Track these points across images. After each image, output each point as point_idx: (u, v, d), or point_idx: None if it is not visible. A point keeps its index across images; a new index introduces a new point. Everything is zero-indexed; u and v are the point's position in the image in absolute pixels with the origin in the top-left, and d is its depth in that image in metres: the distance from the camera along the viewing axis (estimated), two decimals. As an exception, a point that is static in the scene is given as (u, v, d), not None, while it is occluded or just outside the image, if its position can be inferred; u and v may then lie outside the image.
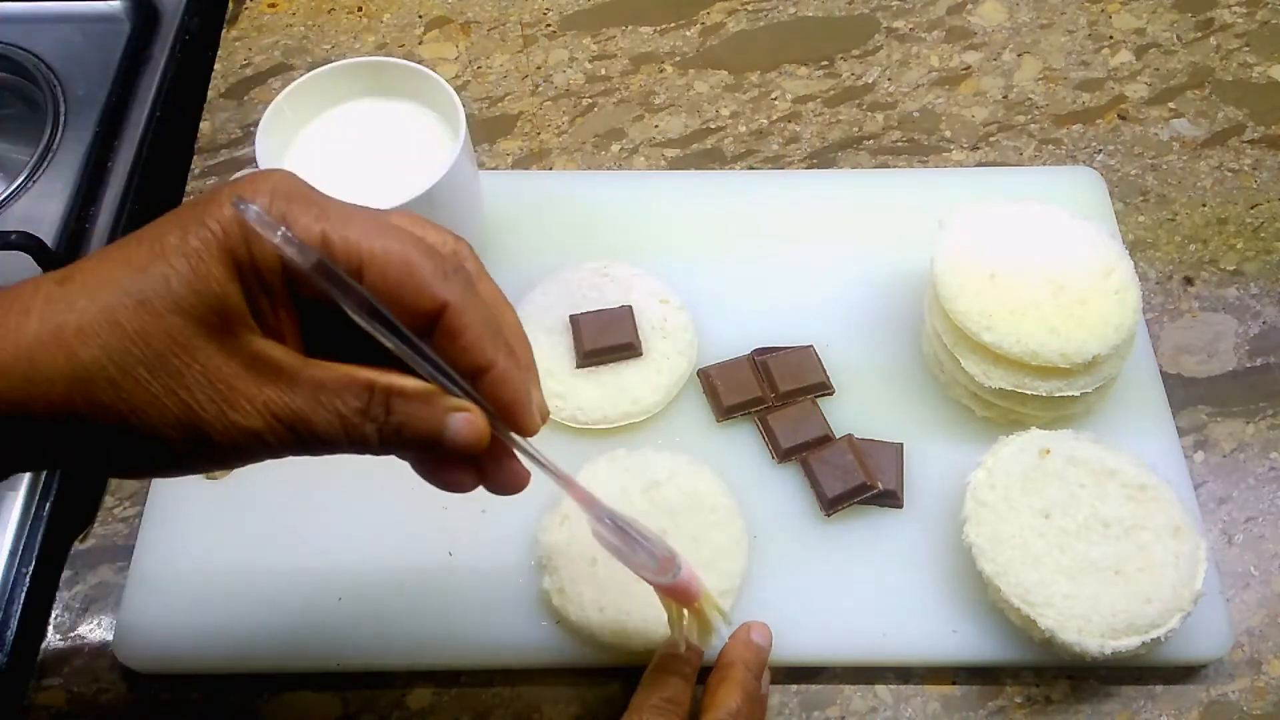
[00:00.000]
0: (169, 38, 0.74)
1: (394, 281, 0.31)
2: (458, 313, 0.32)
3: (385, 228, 0.32)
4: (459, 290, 0.32)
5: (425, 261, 0.32)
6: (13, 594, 0.53)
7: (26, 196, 0.67)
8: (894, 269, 0.61)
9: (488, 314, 0.33)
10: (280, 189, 0.31)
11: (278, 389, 0.31)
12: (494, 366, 0.33)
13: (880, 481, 0.53)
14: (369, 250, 0.31)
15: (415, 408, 0.32)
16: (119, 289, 0.29)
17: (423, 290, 0.32)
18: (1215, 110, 0.71)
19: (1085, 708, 0.50)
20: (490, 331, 0.33)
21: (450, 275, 0.32)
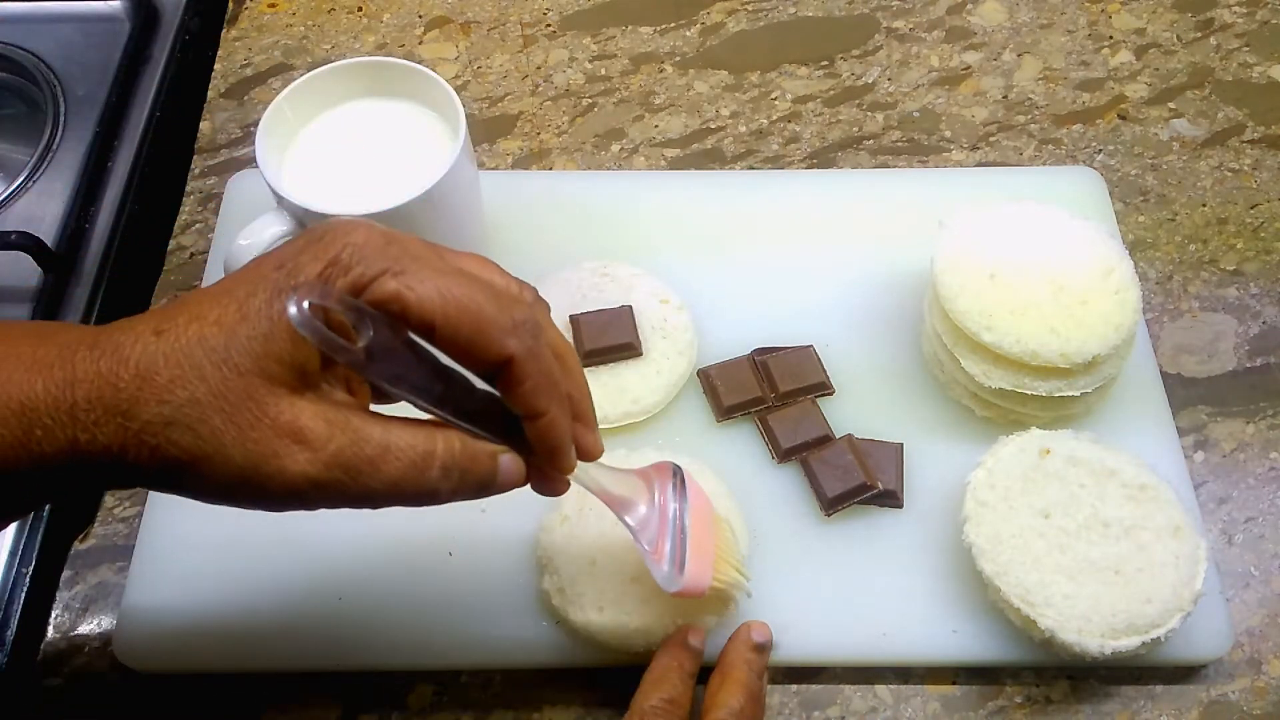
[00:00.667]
0: (169, 38, 0.74)
1: (465, 339, 0.34)
2: (520, 365, 0.35)
3: (457, 278, 0.34)
4: (525, 345, 0.35)
5: (496, 315, 0.34)
6: (13, 594, 0.53)
7: (26, 196, 0.67)
8: (894, 269, 0.61)
9: (549, 364, 0.36)
10: (359, 245, 0.33)
11: (347, 437, 0.34)
12: (544, 416, 0.36)
13: (880, 481, 0.53)
14: (442, 310, 0.33)
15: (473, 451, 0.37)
16: (207, 347, 0.32)
17: (490, 346, 0.34)
18: (1215, 110, 0.71)
19: (1085, 708, 0.50)
20: (548, 382, 0.36)
21: (518, 329, 0.34)
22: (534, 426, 0.37)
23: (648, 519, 0.44)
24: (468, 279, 0.34)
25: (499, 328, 0.34)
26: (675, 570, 0.44)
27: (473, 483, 0.37)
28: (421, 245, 0.35)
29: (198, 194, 0.68)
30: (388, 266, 0.33)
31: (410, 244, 0.34)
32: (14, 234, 0.60)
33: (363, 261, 0.33)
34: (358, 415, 0.34)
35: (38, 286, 0.62)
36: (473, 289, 0.34)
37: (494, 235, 0.63)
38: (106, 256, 0.65)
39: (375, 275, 0.33)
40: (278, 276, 0.33)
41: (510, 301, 0.35)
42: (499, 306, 0.34)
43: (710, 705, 0.45)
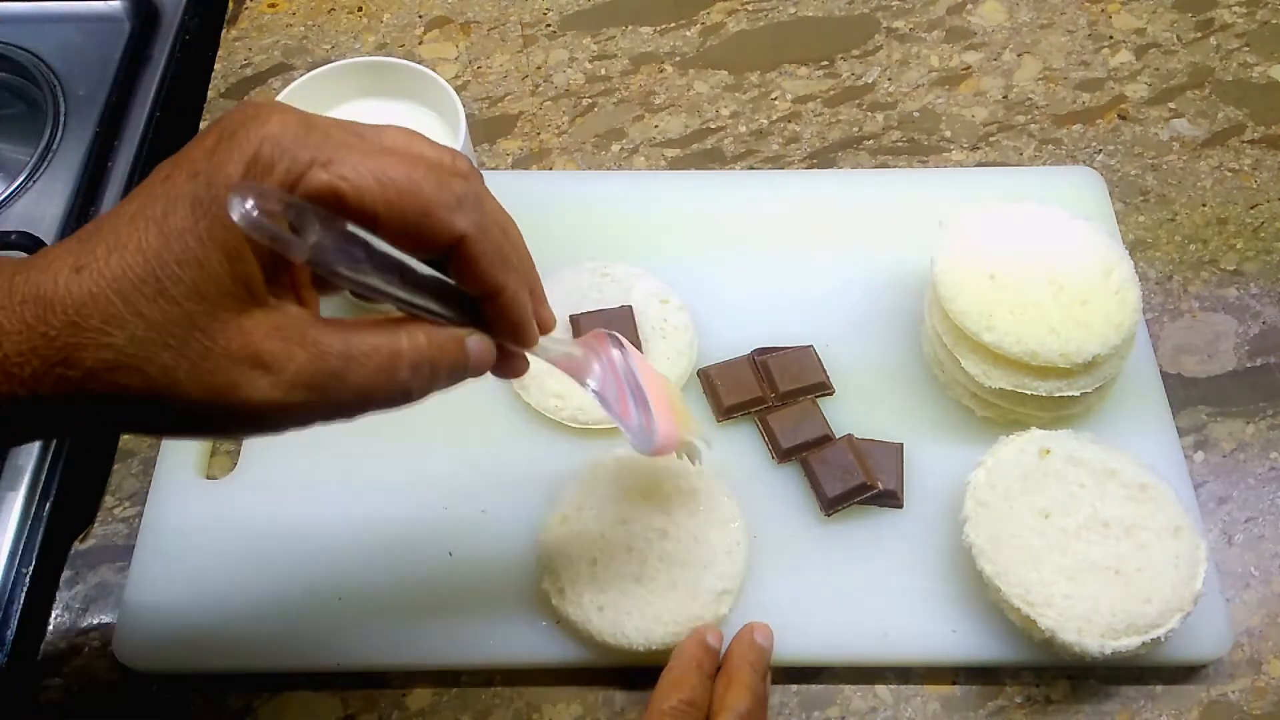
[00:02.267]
0: (169, 38, 0.74)
1: (411, 222, 0.31)
2: (473, 242, 0.33)
3: (389, 159, 0.31)
4: (474, 220, 0.33)
5: (437, 193, 0.32)
6: (13, 594, 0.53)
7: (26, 196, 0.67)
8: (894, 269, 0.61)
9: (498, 237, 0.34)
10: (277, 138, 0.30)
11: (308, 351, 0.31)
12: (503, 291, 0.34)
13: (880, 481, 0.53)
14: (383, 196, 0.31)
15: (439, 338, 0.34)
16: (136, 278, 0.29)
17: (439, 226, 0.32)
18: (1215, 110, 0.71)
19: (1085, 708, 0.50)
20: (500, 257, 0.34)
21: (462, 204, 0.32)
22: (494, 304, 0.35)
23: (605, 381, 0.43)
24: (400, 158, 0.32)
25: (444, 206, 0.32)
26: (646, 428, 0.43)
27: (444, 373, 0.34)
28: (340, 127, 0.32)
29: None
30: (313, 156, 0.30)
31: (329, 127, 0.31)
32: (14, 234, 0.60)
33: (285, 155, 0.30)
34: (314, 326, 0.32)
35: (38, 286, 0.62)
36: (408, 168, 0.31)
37: (494, 235, 0.63)
38: (106, 256, 0.65)
39: (303, 169, 0.30)
40: (194, 187, 0.30)
41: (448, 175, 0.32)
42: (438, 183, 0.32)
43: (718, 708, 0.45)
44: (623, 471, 0.52)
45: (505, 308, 0.35)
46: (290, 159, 0.30)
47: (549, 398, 0.56)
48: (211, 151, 0.30)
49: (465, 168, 0.34)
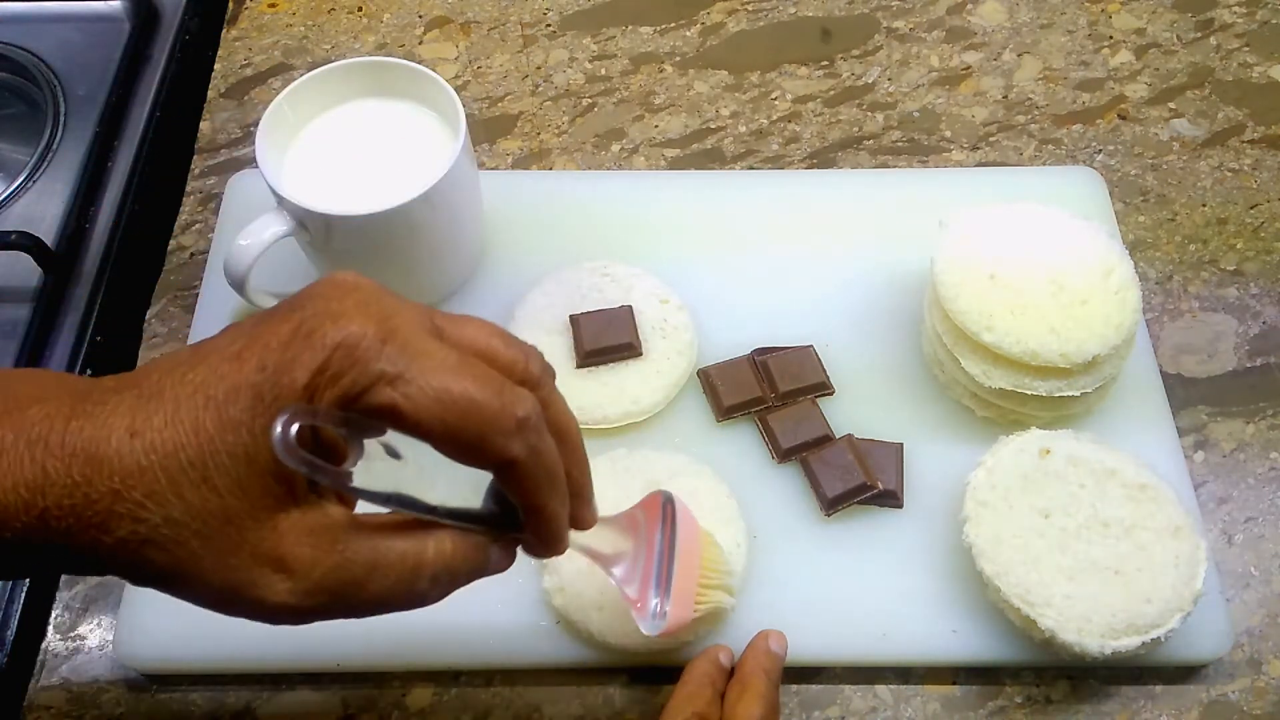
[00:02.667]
0: (169, 38, 0.74)
1: (465, 444, 0.31)
2: (521, 467, 0.32)
3: (457, 375, 0.31)
4: (528, 445, 0.32)
5: (498, 416, 0.31)
6: (13, 594, 0.53)
7: (26, 196, 0.67)
8: (894, 269, 0.61)
9: (550, 460, 0.33)
10: (352, 347, 0.30)
11: (337, 557, 0.31)
12: (541, 512, 0.34)
13: (880, 481, 0.53)
14: (441, 419, 0.30)
15: (465, 548, 0.34)
16: (185, 460, 0.29)
17: (491, 451, 0.31)
18: (1215, 110, 0.71)
19: (1085, 708, 0.50)
20: (548, 479, 0.34)
21: (522, 428, 0.31)
22: (531, 519, 0.35)
23: (631, 571, 0.44)
24: (469, 371, 0.31)
25: (501, 431, 0.31)
26: (658, 615, 0.44)
27: (463, 578, 0.35)
28: (419, 330, 0.31)
29: (198, 194, 0.68)
30: (383, 371, 0.30)
31: (409, 332, 0.31)
32: (14, 234, 0.60)
33: (356, 367, 0.30)
34: (346, 532, 0.32)
35: (38, 286, 0.62)
36: (474, 385, 0.31)
37: (494, 235, 0.63)
38: (106, 256, 0.65)
39: (370, 384, 0.30)
40: (259, 380, 0.30)
41: (513, 394, 0.32)
42: (502, 402, 0.31)
43: (731, 716, 0.45)
44: (623, 471, 0.52)
45: (540, 524, 0.35)
46: (360, 371, 0.30)
47: (549, 398, 0.56)
48: (286, 345, 0.30)
49: (536, 373, 0.34)
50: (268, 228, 0.52)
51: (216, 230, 0.64)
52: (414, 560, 0.33)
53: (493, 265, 0.62)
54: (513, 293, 0.60)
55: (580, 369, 0.56)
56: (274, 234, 0.52)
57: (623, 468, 0.53)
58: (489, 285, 0.61)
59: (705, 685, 0.46)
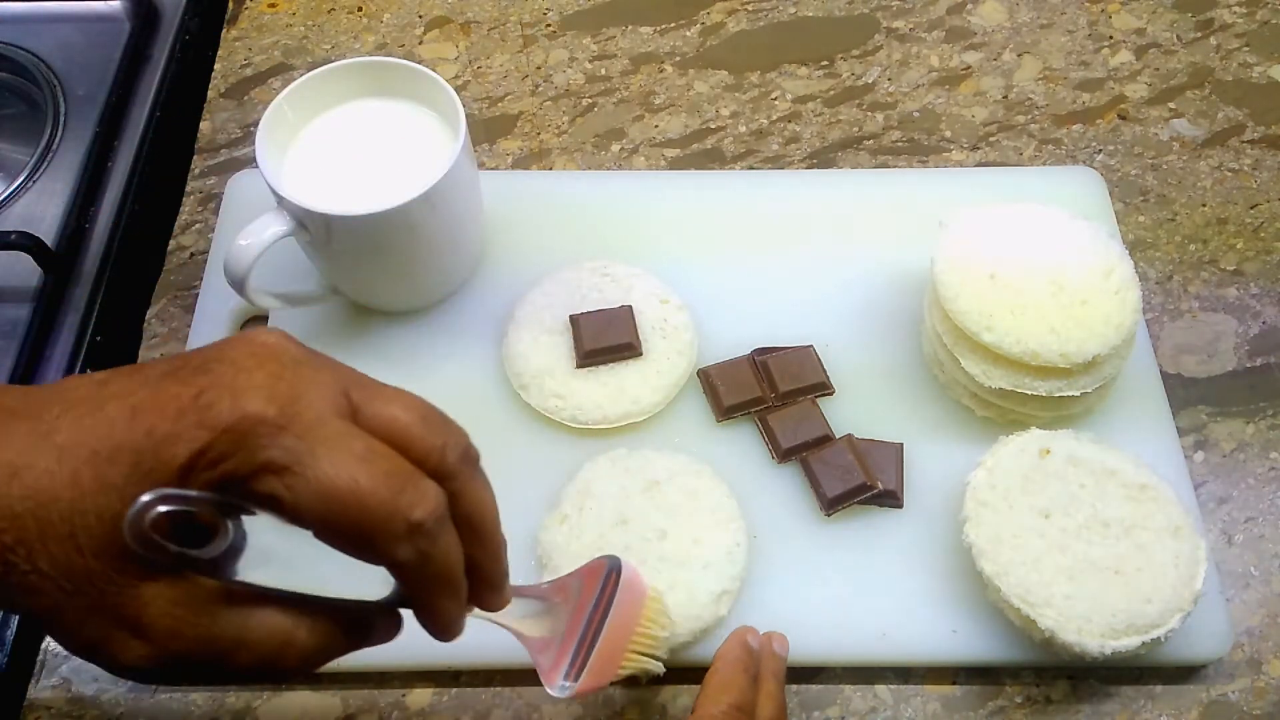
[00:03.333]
0: (169, 38, 0.74)
1: (347, 544, 0.30)
2: (408, 573, 0.31)
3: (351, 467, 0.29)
4: (416, 552, 0.30)
5: (387, 518, 0.29)
6: (13, 594, 0.53)
7: (26, 196, 0.67)
8: (894, 269, 0.61)
9: (443, 563, 0.32)
10: (245, 431, 0.28)
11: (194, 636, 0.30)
12: (431, 609, 0.33)
13: (880, 481, 0.53)
14: (323, 516, 0.29)
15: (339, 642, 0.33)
16: (58, 512, 0.28)
17: (375, 551, 0.30)
18: (1215, 110, 0.71)
19: (1085, 708, 0.50)
20: (441, 583, 0.32)
21: (412, 534, 0.30)
22: (419, 612, 0.34)
23: (548, 640, 0.42)
24: (367, 466, 0.29)
25: (390, 535, 0.29)
26: (566, 685, 0.43)
27: (334, 657, 0.33)
28: (327, 412, 0.30)
29: (198, 194, 0.68)
30: (271, 460, 0.28)
31: (313, 417, 0.29)
32: (14, 234, 0.60)
33: (242, 452, 0.28)
34: (214, 604, 0.30)
35: (38, 286, 0.62)
36: (369, 482, 0.29)
37: (494, 235, 0.63)
38: (106, 256, 0.65)
39: (253, 471, 0.28)
40: (144, 446, 0.28)
41: (414, 493, 0.30)
42: (396, 504, 0.29)
43: None
44: (623, 471, 0.52)
45: (426, 619, 0.34)
46: (245, 457, 0.28)
47: (549, 398, 0.56)
48: (180, 413, 0.29)
49: (453, 464, 0.32)
50: (268, 228, 0.52)
51: (216, 230, 0.64)
52: (283, 639, 0.31)
53: (493, 265, 0.62)
54: (513, 293, 0.60)
55: (580, 369, 0.56)
56: (274, 234, 0.52)
57: (623, 468, 0.53)
58: (489, 285, 0.61)
59: (738, 671, 0.45)
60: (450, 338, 0.60)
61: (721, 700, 0.44)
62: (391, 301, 0.60)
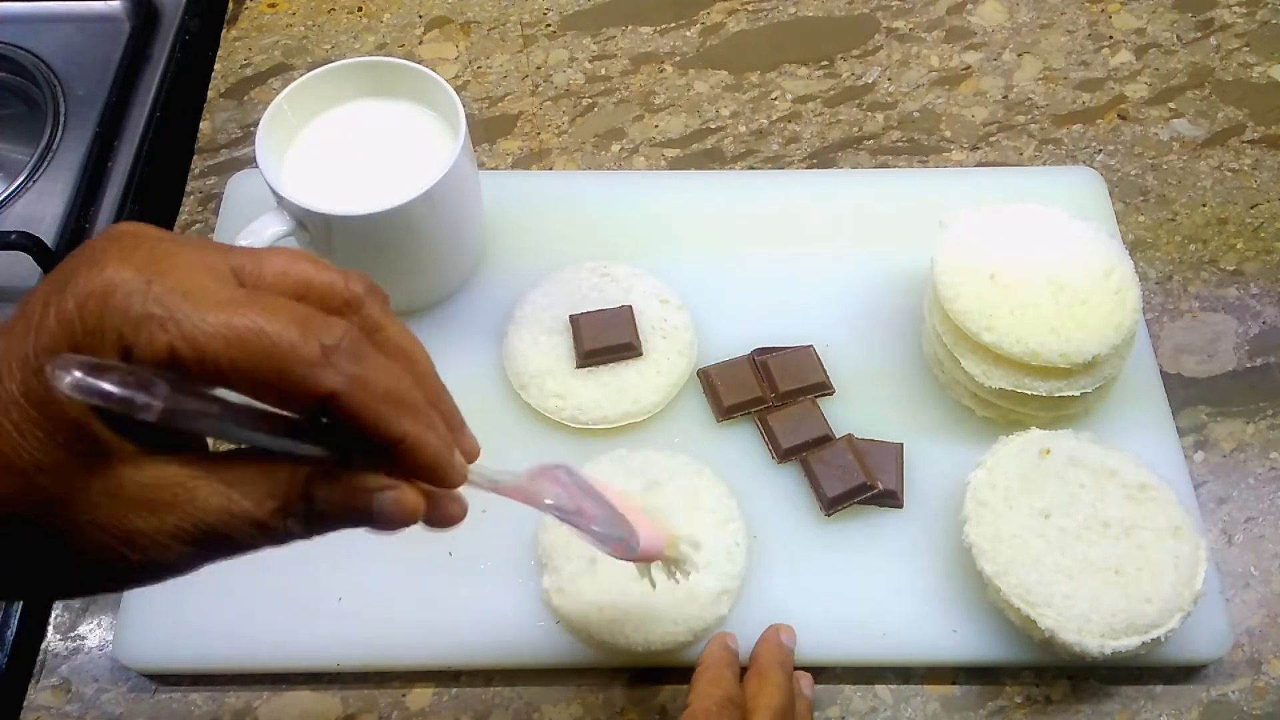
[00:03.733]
0: (169, 38, 0.74)
1: (266, 382, 0.28)
2: (346, 397, 0.28)
3: (242, 309, 0.27)
4: (345, 374, 0.28)
5: (298, 346, 0.27)
6: (13, 594, 0.53)
7: (26, 196, 0.67)
8: (894, 269, 0.61)
9: (385, 382, 0.29)
10: (107, 291, 0.26)
11: (178, 513, 0.29)
12: (403, 439, 0.30)
13: (880, 481, 0.53)
14: (228, 356, 0.27)
15: (337, 494, 0.30)
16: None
17: (300, 385, 0.28)
18: (1215, 110, 0.71)
19: (1085, 708, 0.50)
20: (392, 403, 0.29)
21: (330, 355, 0.28)
22: (398, 453, 0.30)
23: (563, 498, 0.39)
24: (256, 304, 0.27)
25: (304, 361, 0.27)
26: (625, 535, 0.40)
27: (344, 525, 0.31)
28: (199, 270, 0.28)
29: (198, 194, 0.68)
30: (149, 313, 0.26)
31: (183, 273, 0.27)
32: (14, 234, 0.60)
33: (115, 313, 0.26)
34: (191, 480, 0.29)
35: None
36: (264, 317, 0.27)
37: (494, 235, 0.63)
38: (106, 256, 0.64)
39: (135, 329, 0.26)
40: (23, 347, 0.27)
41: (319, 322, 0.28)
42: (303, 332, 0.27)
43: (753, 706, 0.45)
44: (623, 471, 0.52)
45: (408, 454, 0.30)
46: (121, 318, 0.26)
47: (549, 398, 0.56)
48: (45, 302, 0.27)
49: (359, 293, 0.31)
50: (268, 228, 0.52)
51: (216, 230, 0.64)
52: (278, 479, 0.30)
53: (493, 265, 0.62)
54: (513, 293, 0.60)
55: (580, 369, 0.56)
56: (274, 234, 0.52)
57: (623, 468, 0.53)
58: (489, 285, 0.61)
59: (724, 668, 0.47)
60: (450, 338, 0.60)
61: (714, 694, 0.45)
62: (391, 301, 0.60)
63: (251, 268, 0.29)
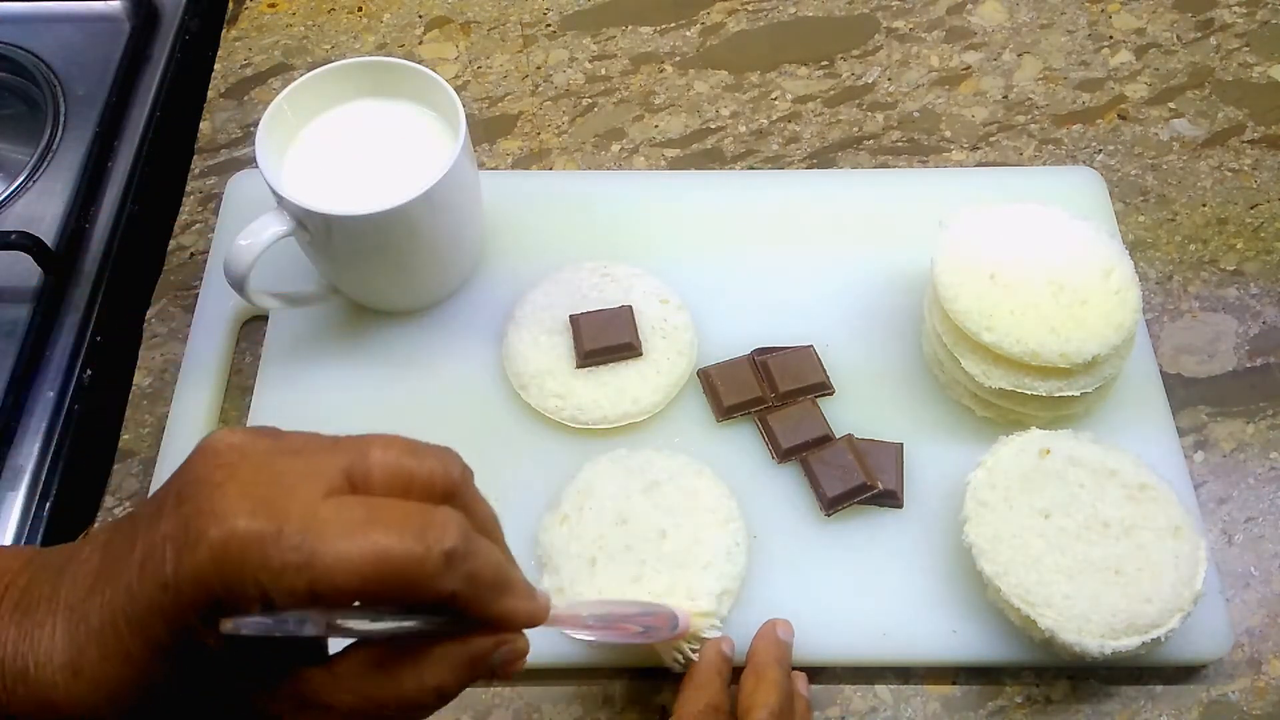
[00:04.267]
0: (169, 38, 0.74)
1: (398, 598, 0.29)
2: (464, 595, 0.31)
3: (364, 529, 0.28)
4: (463, 573, 0.30)
5: (422, 560, 0.29)
6: (13, 594, 0.53)
7: (26, 196, 0.67)
8: (894, 269, 0.61)
9: (491, 572, 0.32)
10: (242, 546, 0.27)
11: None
12: (503, 616, 0.33)
13: (880, 481, 0.53)
14: (361, 584, 0.28)
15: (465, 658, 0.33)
16: (129, 693, 0.29)
17: (426, 595, 0.30)
18: (1215, 110, 0.71)
19: (1085, 708, 0.50)
20: (494, 588, 0.32)
21: (451, 563, 0.29)
22: (501, 623, 0.33)
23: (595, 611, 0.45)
24: (378, 523, 0.29)
25: (429, 575, 0.29)
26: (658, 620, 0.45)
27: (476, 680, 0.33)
28: (314, 495, 0.29)
29: (198, 194, 0.68)
30: (286, 561, 0.27)
31: (303, 505, 0.28)
32: (14, 234, 0.60)
33: (254, 564, 0.27)
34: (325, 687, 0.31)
35: (38, 286, 0.62)
36: (387, 537, 0.28)
37: (494, 235, 0.63)
38: (106, 256, 0.65)
39: (274, 580, 0.27)
40: (164, 600, 0.28)
41: (436, 530, 0.29)
42: (425, 544, 0.29)
43: (750, 705, 0.45)
44: (622, 472, 0.52)
45: (508, 622, 0.33)
46: (259, 570, 0.27)
47: (549, 398, 0.56)
48: (178, 555, 0.28)
49: (457, 479, 0.32)
50: (268, 228, 0.52)
51: (216, 230, 0.64)
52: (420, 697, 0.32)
53: (493, 265, 0.62)
54: (513, 293, 0.60)
55: (580, 369, 0.56)
56: (274, 234, 0.52)
57: (623, 468, 0.53)
58: (489, 285, 0.61)
59: (713, 675, 0.47)
60: (450, 338, 0.60)
61: (700, 700, 0.45)
62: (391, 301, 0.60)
63: (359, 467, 0.30)
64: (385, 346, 0.59)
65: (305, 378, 0.58)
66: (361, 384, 0.58)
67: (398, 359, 0.59)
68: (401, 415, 0.57)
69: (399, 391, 0.58)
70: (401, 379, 0.58)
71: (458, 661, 0.32)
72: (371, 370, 0.59)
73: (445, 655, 0.32)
